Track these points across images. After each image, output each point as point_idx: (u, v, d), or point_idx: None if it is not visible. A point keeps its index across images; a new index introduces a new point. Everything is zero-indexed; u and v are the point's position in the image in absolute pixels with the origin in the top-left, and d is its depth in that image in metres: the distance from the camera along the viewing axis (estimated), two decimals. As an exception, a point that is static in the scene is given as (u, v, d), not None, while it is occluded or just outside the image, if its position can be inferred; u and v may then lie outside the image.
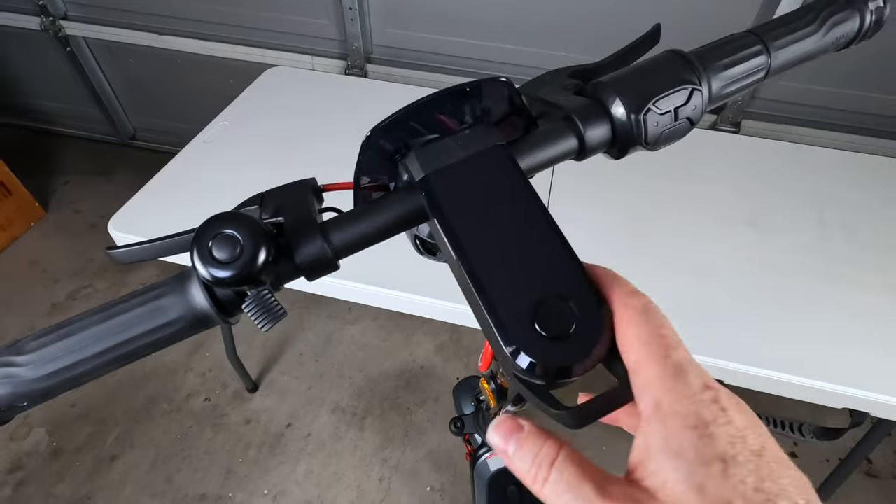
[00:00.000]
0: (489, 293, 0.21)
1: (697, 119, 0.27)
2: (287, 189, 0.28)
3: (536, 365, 0.20)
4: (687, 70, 0.26)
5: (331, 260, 0.25)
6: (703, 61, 0.27)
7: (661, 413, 0.18)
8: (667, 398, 0.18)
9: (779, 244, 0.91)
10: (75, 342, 0.23)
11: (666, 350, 0.19)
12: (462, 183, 0.24)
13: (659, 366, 0.19)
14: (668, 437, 0.18)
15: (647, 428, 0.18)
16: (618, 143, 0.27)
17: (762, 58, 0.28)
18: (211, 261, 0.21)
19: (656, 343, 0.19)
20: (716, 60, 0.27)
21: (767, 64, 0.28)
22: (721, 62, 0.27)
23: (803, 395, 0.74)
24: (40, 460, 1.29)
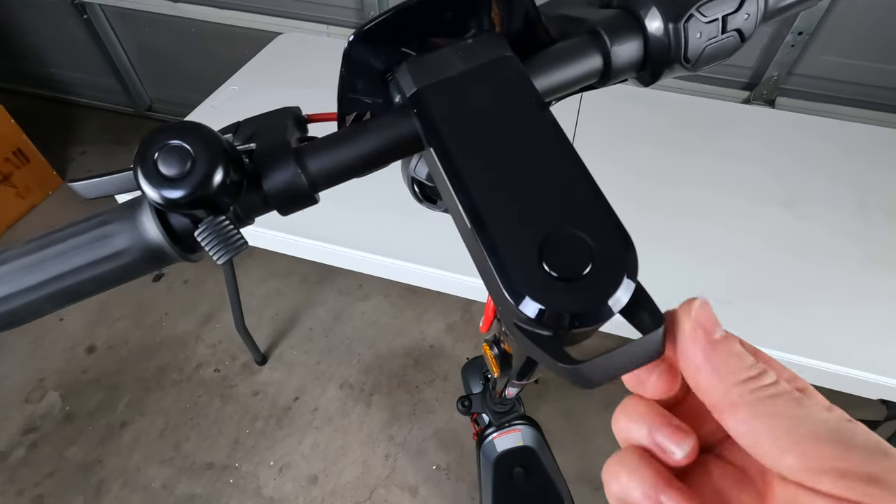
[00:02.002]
0: (489, 227, 0.17)
1: (749, 33, 0.22)
2: (264, 116, 0.25)
3: (543, 310, 0.16)
4: None
5: (307, 191, 0.21)
6: None
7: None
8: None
9: (815, 226, 0.85)
10: (8, 272, 0.20)
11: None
12: (461, 99, 0.20)
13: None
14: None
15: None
16: (651, 63, 0.22)
17: None
18: (157, 177, 0.18)
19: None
20: None
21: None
22: None
23: (834, 383, 0.69)
24: (54, 423, 1.31)
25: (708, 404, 0.16)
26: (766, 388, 0.15)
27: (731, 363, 0.16)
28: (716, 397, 0.16)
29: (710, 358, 0.16)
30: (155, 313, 1.54)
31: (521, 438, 0.90)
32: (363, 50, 0.22)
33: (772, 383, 0.16)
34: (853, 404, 0.89)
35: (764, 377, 0.16)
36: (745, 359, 0.16)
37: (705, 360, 0.16)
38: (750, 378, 0.16)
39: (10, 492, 1.20)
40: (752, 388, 0.15)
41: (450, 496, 1.20)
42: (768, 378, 0.16)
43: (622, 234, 0.17)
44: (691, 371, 0.17)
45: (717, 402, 0.16)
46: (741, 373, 0.16)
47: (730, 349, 0.16)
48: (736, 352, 0.16)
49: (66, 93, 2.17)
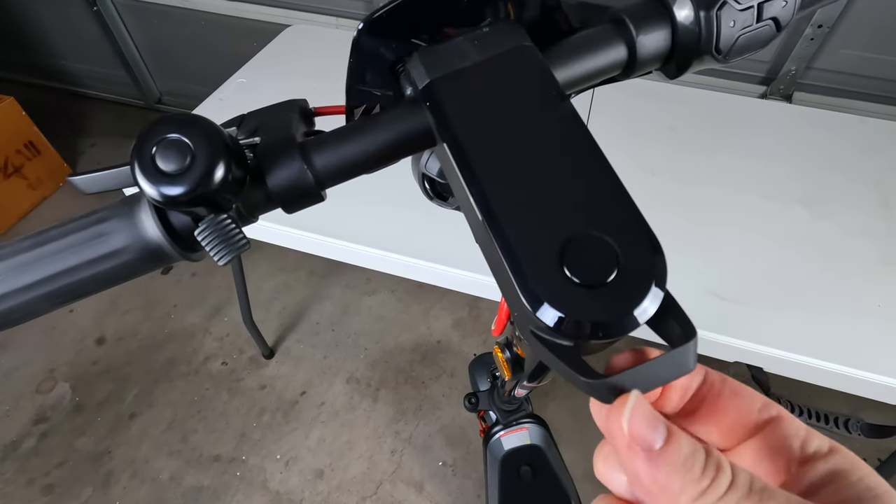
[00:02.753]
0: (506, 227, 0.16)
1: (786, 21, 0.21)
2: (270, 108, 0.24)
3: (563, 318, 0.15)
4: None
5: (313, 187, 0.20)
6: None
7: None
8: None
9: (833, 226, 0.83)
10: (2, 270, 0.19)
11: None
12: (477, 92, 0.19)
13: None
14: None
15: None
16: (678, 54, 0.21)
17: None
18: (155, 173, 0.17)
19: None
20: None
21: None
22: None
23: (851, 386, 0.68)
24: (63, 414, 1.32)
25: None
26: (724, 498, 0.13)
27: (680, 478, 0.14)
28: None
29: (655, 478, 0.14)
30: (164, 306, 1.54)
31: (528, 437, 0.89)
32: (373, 39, 0.21)
33: (728, 487, 0.14)
34: (867, 406, 0.87)
35: (719, 483, 0.14)
36: (696, 465, 0.14)
37: (652, 481, 0.14)
38: (704, 491, 0.14)
39: (21, 481, 1.21)
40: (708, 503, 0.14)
41: (455, 493, 1.20)
42: (723, 483, 0.14)
43: (650, 239, 0.16)
44: (639, 492, 0.15)
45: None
46: (692, 487, 0.14)
47: (676, 460, 0.14)
48: (683, 460, 0.14)
49: (77, 85, 2.18)
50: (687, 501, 0.14)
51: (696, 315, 0.56)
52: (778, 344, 0.67)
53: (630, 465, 0.14)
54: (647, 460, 0.14)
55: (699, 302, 0.71)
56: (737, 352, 0.68)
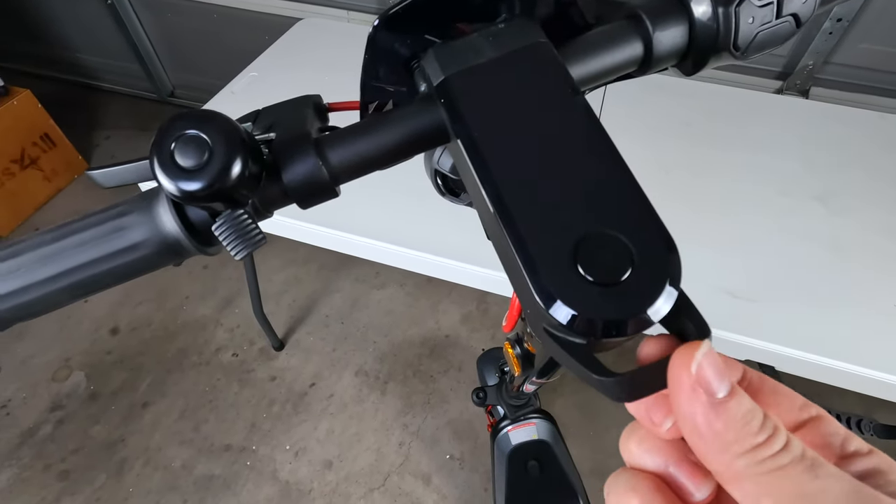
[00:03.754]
0: (519, 224, 0.16)
1: (806, 17, 0.20)
2: (285, 104, 0.24)
3: (576, 316, 0.15)
4: None
5: (328, 183, 0.20)
6: None
7: None
8: None
9: (850, 223, 0.82)
10: (24, 263, 0.20)
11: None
12: (491, 88, 0.19)
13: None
14: None
15: None
16: (695, 50, 0.21)
17: None
18: (174, 169, 0.17)
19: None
20: None
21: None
22: None
23: (863, 386, 0.67)
24: (79, 402, 1.35)
25: (714, 473, 0.15)
26: (776, 456, 0.13)
27: (737, 429, 0.14)
28: (718, 466, 0.14)
29: (712, 423, 0.14)
30: (176, 297, 1.56)
31: (535, 432, 0.90)
32: (388, 35, 0.21)
33: (782, 448, 0.14)
34: (880, 406, 0.86)
35: (774, 442, 0.14)
36: (753, 420, 0.14)
37: (707, 426, 0.14)
38: (757, 446, 0.14)
39: (38, 466, 1.24)
40: (759, 459, 0.13)
41: (463, 486, 1.21)
42: (778, 443, 0.14)
43: (665, 237, 0.16)
44: (689, 433, 0.14)
45: (721, 471, 0.14)
46: (747, 440, 0.14)
47: (734, 412, 0.14)
48: (742, 413, 0.14)
49: (91, 78, 2.20)
50: (738, 451, 0.14)
51: (707, 312, 0.55)
52: (789, 342, 0.66)
53: (689, 408, 0.14)
54: (708, 405, 0.14)
55: (710, 299, 0.71)
56: (748, 350, 0.68)
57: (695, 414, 0.14)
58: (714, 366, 0.14)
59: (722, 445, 0.14)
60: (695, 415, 0.14)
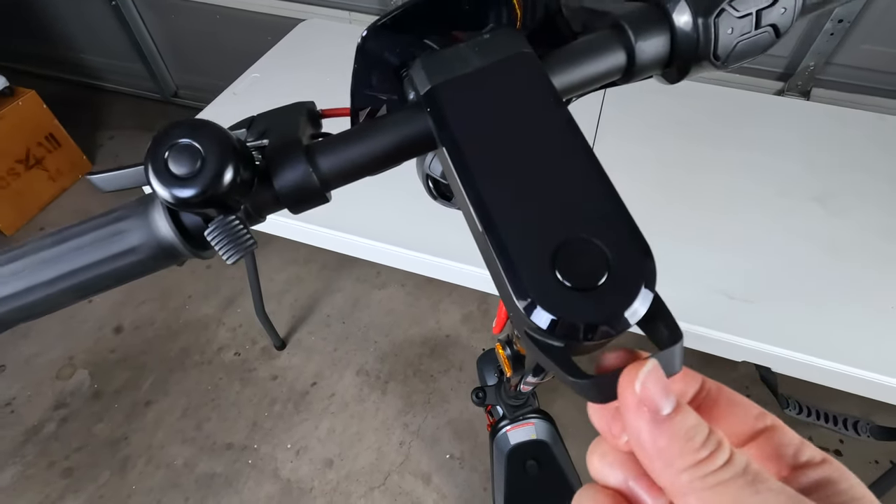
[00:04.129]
0: (500, 231, 0.17)
1: (785, 27, 0.21)
2: (279, 111, 0.25)
3: (555, 321, 0.16)
4: None
5: (318, 189, 0.21)
6: None
7: None
8: None
9: (849, 224, 0.82)
10: (25, 266, 0.20)
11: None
12: (476, 98, 0.19)
13: None
14: None
15: None
16: (677, 59, 0.21)
17: None
18: (167, 176, 0.18)
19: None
20: None
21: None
22: None
23: (860, 388, 0.67)
24: (82, 400, 1.36)
25: (658, 484, 0.15)
26: (718, 471, 0.14)
27: (680, 445, 0.14)
28: (664, 482, 0.15)
29: (656, 439, 0.14)
30: (179, 296, 1.57)
31: (534, 432, 0.90)
32: (377, 44, 0.22)
33: (724, 464, 0.14)
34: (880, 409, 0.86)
35: (716, 458, 0.14)
36: (697, 436, 0.14)
37: (651, 442, 0.14)
38: (699, 462, 0.14)
39: (42, 463, 1.25)
40: (702, 475, 0.14)
41: (462, 485, 1.21)
42: (720, 458, 0.14)
43: (640, 242, 0.16)
44: (637, 449, 0.15)
45: (667, 486, 0.15)
46: (690, 456, 0.14)
47: (679, 428, 0.14)
48: (686, 430, 0.14)
49: (95, 78, 2.22)
50: (682, 467, 0.14)
51: (704, 313, 0.57)
52: (787, 344, 0.67)
53: (635, 425, 0.15)
54: (652, 422, 0.14)
55: (707, 300, 0.71)
56: (745, 351, 0.68)
57: (640, 430, 0.15)
58: (658, 384, 0.14)
59: (666, 461, 0.14)
60: (640, 431, 0.15)
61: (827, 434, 1.26)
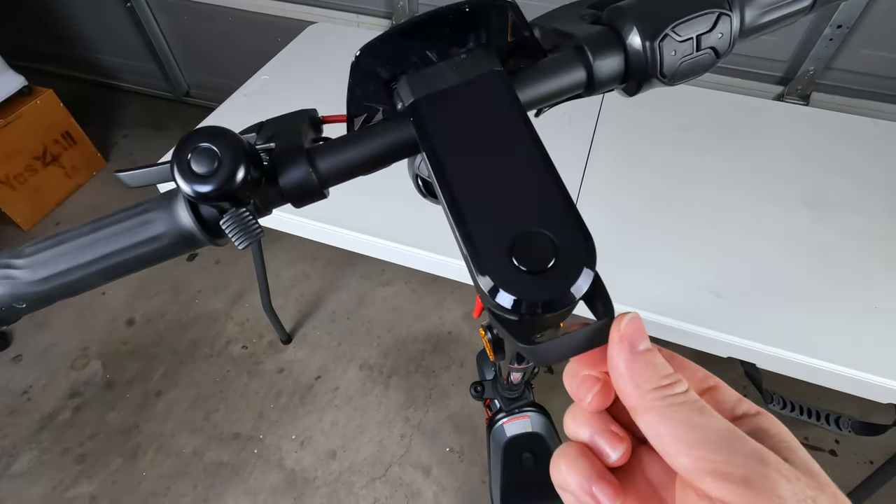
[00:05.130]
0: (468, 225, 0.20)
1: (724, 50, 0.24)
2: (285, 117, 0.28)
3: (515, 301, 0.19)
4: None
5: (317, 187, 0.24)
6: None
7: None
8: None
9: (839, 227, 0.84)
10: (68, 249, 0.24)
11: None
12: (452, 110, 0.23)
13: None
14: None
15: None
16: (632, 76, 0.24)
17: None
18: (190, 174, 0.21)
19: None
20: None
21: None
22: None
23: (841, 384, 0.69)
24: (95, 389, 1.41)
25: (627, 407, 0.19)
26: (675, 396, 0.18)
27: (648, 373, 0.18)
28: (632, 401, 0.18)
29: (629, 366, 0.18)
30: (189, 290, 1.62)
31: (530, 425, 0.93)
32: (370, 61, 0.25)
33: (681, 392, 0.18)
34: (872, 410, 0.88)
35: (675, 387, 0.18)
36: (662, 370, 0.18)
37: (626, 368, 0.18)
38: (662, 387, 0.18)
39: (56, 449, 1.30)
40: (662, 396, 0.18)
41: (462, 478, 1.25)
42: (679, 388, 0.18)
43: (582, 230, 0.19)
44: (614, 376, 0.19)
45: (633, 405, 0.18)
46: (654, 381, 0.18)
47: (648, 360, 0.18)
48: (654, 363, 0.18)
49: (110, 77, 2.28)
50: (648, 388, 0.18)
51: (692, 311, 0.61)
52: (771, 341, 0.69)
53: (616, 356, 0.18)
54: (630, 353, 0.18)
55: (695, 298, 0.73)
56: (730, 348, 0.70)
57: (620, 360, 0.18)
58: (636, 328, 0.19)
59: (636, 383, 0.18)
60: (620, 361, 0.18)
61: (823, 434, 1.28)
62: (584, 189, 0.90)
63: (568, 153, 0.97)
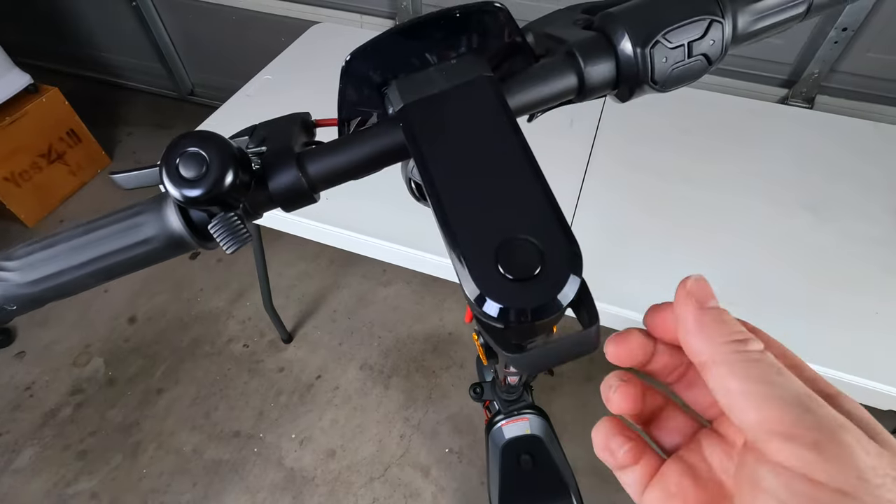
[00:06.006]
0: (455, 231, 0.20)
1: (716, 57, 0.24)
2: (277, 121, 0.28)
3: (502, 309, 0.19)
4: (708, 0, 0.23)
5: (306, 191, 0.24)
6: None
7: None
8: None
9: (840, 232, 0.83)
10: (59, 252, 0.24)
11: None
12: (441, 115, 0.23)
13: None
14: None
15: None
16: (623, 83, 0.24)
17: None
18: (178, 178, 0.21)
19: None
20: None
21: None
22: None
23: (844, 391, 0.69)
24: (97, 386, 1.42)
25: (697, 365, 0.18)
26: (750, 352, 0.16)
27: (719, 327, 0.17)
28: (703, 356, 0.17)
29: (699, 320, 0.18)
30: (191, 289, 1.63)
31: (528, 427, 0.93)
32: (361, 66, 0.25)
33: (757, 350, 0.16)
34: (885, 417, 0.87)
35: (750, 343, 0.17)
36: (734, 326, 0.17)
37: (695, 323, 0.18)
38: (736, 341, 0.17)
39: (58, 445, 1.31)
40: (736, 349, 0.17)
41: (460, 479, 1.25)
42: (754, 345, 0.17)
43: (568, 237, 0.19)
44: (683, 334, 0.18)
45: (704, 360, 0.17)
46: (727, 335, 0.17)
47: (718, 316, 0.18)
48: (724, 319, 0.18)
49: (115, 76, 2.29)
50: (722, 340, 0.17)
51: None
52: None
53: (682, 312, 0.18)
54: (697, 309, 0.18)
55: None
56: (729, 352, 0.70)
57: (687, 316, 0.18)
58: (700, 286, 0.19)
59: (707, 337, 0.17)
60: (687, 317, 0.18)
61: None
62: (584, 191, 0.90)
63: (569, 155, 0.97)
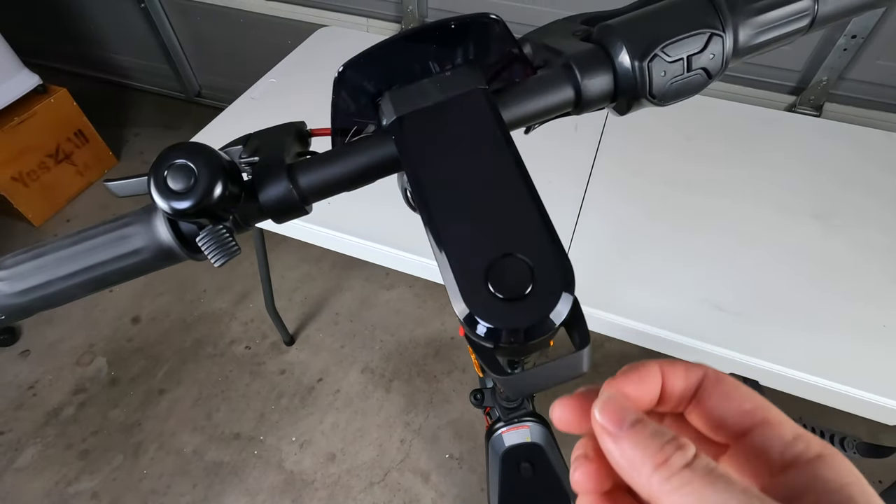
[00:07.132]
0: (447, 250, 0.20)
1: (716, 71, 0.23)
2: (272, 130, 0.28)
3: (491, 329, 0.18)
4: (708, 12, 0.23)
5: (297, 203, 0.24)
6: (732, 2, 0.23)
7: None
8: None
9: (848, 241, 0.82)
10: (47, 262, 0.24)
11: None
12: (434, 128, 0.22)
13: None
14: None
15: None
16: (621, 96, 0.24)
17: (807, 1, 0.24)
18: (166, 190, 0.21)
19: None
20: (748, 3, 0.23)
21: (814, 9, 0.24)
22: (754, 5, 0.23)
23: (847, 405, 0.68)
24: (100, 386, 1.42)
25: (641, 495, 0.16)
26: (681, 472, 0.15)
27: (641, 452, 0.16)
28: (639, 489, 0.16)
29: (623, 452, 0.16)
30: (194, 290, 1.63)
31: (529, 435, 0.92)
32: (354, 77, 0.24)
33: (685, 465, 0.15)
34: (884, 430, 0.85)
35: (676, 459, 0.15)
36: (654, 443, 0.16)
37: (619, 456, 0.16)
38: (662, 464, 0.15)
39: (61, 445, 1.31)
40: (667, 477, 0.15)
41: (460, 484, 1.24)
42: (679, 459, 0.15)
43: (560, 256, 0.19)
44: (613, 465, 0.17)
45: (642, 493, 0.16)
46: (651, 459, 0.15)
47: (635, 439, 0.16)
48: (642, 439, 0.16)
49: (123, 77, 2.31)
50: (648, 471, 0.15)
51: (692, 325, 0.59)
52: (774, 358, 0.68)
53: (603, 445, 0.17)
54: (614, 440, 0.16)
55: (696, 312, 0.72)
56: (732, 364, 0.69)
57: (607, 448, 0.17)
58: (612, 410, 0.17)
59: (634, 470, 0.16)
60: (608, 449, 0.17)
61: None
62: (587, 197, 0.90)
63: (573, 161, 0.96)
